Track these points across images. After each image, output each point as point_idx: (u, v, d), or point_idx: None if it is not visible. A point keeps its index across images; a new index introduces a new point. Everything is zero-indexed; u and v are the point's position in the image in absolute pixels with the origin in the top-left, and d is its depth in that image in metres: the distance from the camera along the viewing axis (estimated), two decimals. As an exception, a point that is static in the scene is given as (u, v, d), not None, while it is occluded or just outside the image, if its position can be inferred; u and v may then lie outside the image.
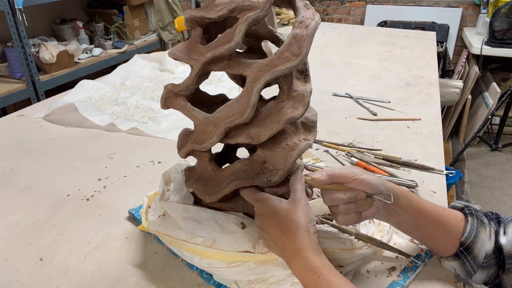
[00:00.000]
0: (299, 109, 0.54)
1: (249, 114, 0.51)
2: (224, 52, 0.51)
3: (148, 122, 1.12)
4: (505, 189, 2.41)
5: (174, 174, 0.68)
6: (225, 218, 0.60)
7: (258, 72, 0.51)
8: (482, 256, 0.53)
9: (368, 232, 0.63)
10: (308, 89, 0.56)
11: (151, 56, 1.67)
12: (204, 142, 0.56)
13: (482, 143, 2.84)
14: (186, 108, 0.57)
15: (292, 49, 0.51)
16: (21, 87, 2.23)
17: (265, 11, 0.50)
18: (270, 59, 0.52)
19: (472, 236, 0.53)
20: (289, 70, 0.51)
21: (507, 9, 2.54)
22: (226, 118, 0.53)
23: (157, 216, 0.63)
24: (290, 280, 0.54)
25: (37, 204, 0.78)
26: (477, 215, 0.55)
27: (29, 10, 2.26)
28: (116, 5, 2.98)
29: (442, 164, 0.90)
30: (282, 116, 0.53)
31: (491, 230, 0.54)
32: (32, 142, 1.04)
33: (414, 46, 1.92)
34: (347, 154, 0.94)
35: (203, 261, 0.57)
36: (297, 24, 0.53)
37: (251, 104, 0.51)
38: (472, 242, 0.53)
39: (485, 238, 0.53)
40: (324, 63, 1.66)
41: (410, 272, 0.59)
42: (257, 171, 0.56)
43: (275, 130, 0.53)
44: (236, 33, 0.50)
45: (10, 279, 0.60)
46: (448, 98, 2.62)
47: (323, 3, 3.42)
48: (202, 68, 0.53)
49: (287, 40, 0.52)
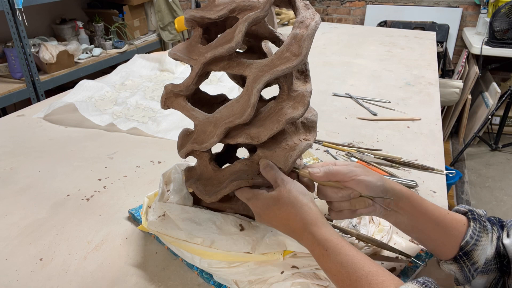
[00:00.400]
0: (299, 109, 0.54)
1: (249, 114, 0.51)
2: (224, 52, 0.51)
3: (148, 122, 1.12)
4: (505, 189, 2.41)
5: (174, 175, 0.68)
6: (223, 220, 0.60)
7: (258, 72, 0.51)
8: (482, 261, 0.52)
9: (368, 232, 0.63)
10: (308, 89, 0.56)
11: (151, 56, 1.67)
12: (204, 142, 0.56)
13: (482, 143, 2.84)
14: (186, 108, 0.57)
15: (292, 49, 0.51)
16: (21, 87, 2.23)
17: (265, 11, 0.50)
18: (270, 59, 0.52)
19: (473, 241, 0.52)
20: (289, 70, 0.51)
21: (507, 9, 2.54)
22: (226, 118, 0.53)
23: (157, 216, 0.63)
24: (291, 280, 0.54)
25: (37, 204, 0.78)
26: (480, 220, 0.54)
27: (29, 10, 2.26)
28: (116, 5, 2.98)
29: (442, 164, 0.90)
30: (282, 116, 0.54)
31: (493, 235, 0.53)
32: (32, 142, 1.04)
33: (414, 46, 1.92)
34: (347, 154, 0.94)
35: (203, 261, 0.57)
36: (297, 24, 0.53)
37: (251, 104, 0.51)
38: (472, 247, 0.52)
39: (486, 244, 0.52)
40: (324, 63, 1.66)
41: (410, 273, 0.59)
42: (257, 171, 0.56)
43: (275, 130, 0.53)
44: (236, 33, 0.50)
45: (10, 279, 0.60)
46: (448, 98, 2.62)
47: (323, 3, 3.42)
48: (202, 68, 0.53)
49: (287, 40, 0.52)
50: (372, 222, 0.66)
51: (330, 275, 0.46)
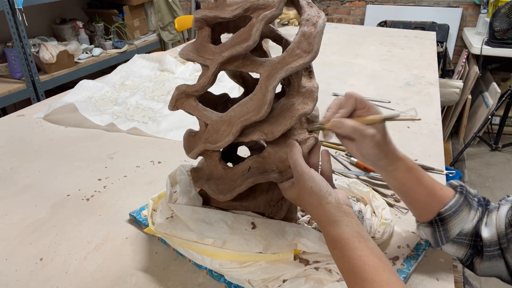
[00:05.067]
0: (309, 104, 0.55)
1: (265, 111, 0.52)
2: (242, 51, 0.51)
3: (148, 122, 1.12)
4: (505, 189, 2.41)
5: (179, 176, 0.68)
6: (234, 219, 0.60)
7: (271, 70, 0.52)
8: (455, 231, 0.55)
9: (372, 226, 0.64)
10: (315, 85, 0.58)
11: (151, 56, 1.67)
12: (218, 142, 0.55)
13: (482, 143, 2.84)
14: (197, 108, 0.57)
15: (302, 46, 0.52)
16: (21, 87, 2.23)
17: (280, 9, 0.51)
18: (282, 57, 0.52)
19: (452, 211, 0.54)
20: (302, 67, 0.52)
21: (507, 9, 2.54)
22: (241, 116, 0.53)
23: (165, 218, 0.63)
24: (304, 276, 0.55)
25: (37, 204, 0.78)
26: (467, 196, 0.56)
27: (29, 10, 2.26)
28: (116, 5, 2.98)
29: (442, 164, 0.90)
30: (294, 112, 0.54)
31: (476, 215, 0.55)
32: (32, 142, 1.04)
33: (414, 46, 1.92)
34: (347, 154, 0.94)
35: (214, 262, 0.56)
36: (304, 22, 0.53)
37: (267, 101, 0.51)
38: (449, 215, 0.54)
39: (465, 219, 0.55)
40: (324, 63, 1.66)
41: (413, 261, 0.61)
42: (271, 168, 0.57)
43: (288, 126, 0.54)
44: (254, 31, 0.50)
45: (10, 279, 0.60)
46: (448, 98, 2.62)
47: (323, 3, 3.42)
48: (219, 68, 0.54)
49: (296, 38, 0.53)
50: (374, 215, 0.67)
51: (339, 270, 0.48)
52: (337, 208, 0.49)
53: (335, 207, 0.49)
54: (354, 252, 0.45)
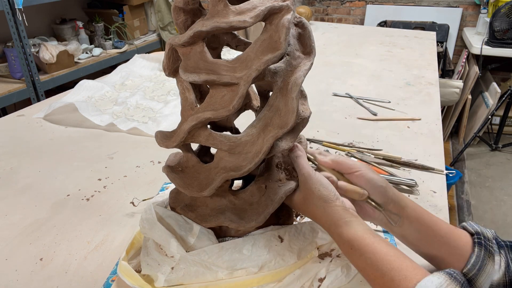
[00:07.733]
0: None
1: (295, 121, 0.50)
2: (275, 59, 0.48)
3: (148, 122, 1.12)
4: (505, 189, 2.41)
5: (167, 219, 0.57)
6: (261, 238, 0.56)
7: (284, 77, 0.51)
8: (486, 287, 0.49)
9: None
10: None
11: (151, 56, 1.67)
12: (242, 168, 0.51)
13: (482, 143, 2.84)
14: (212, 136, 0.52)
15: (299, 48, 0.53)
16: (21, 87, 2.23)
17: (295, 13, 0.50)
18: (288, 61, 0.52)
19: (476, 269, 0.49)
20: (309, 66, 0.52)
21: (507, 9, 2.54)
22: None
23: (170, 269, 0.55)
24: (335, 268, 0.55)
25: (37, 204, 0.78)
26: (486, 245, 0.51)
27: (29, 10, 2.26)
28: (116, 5, 2.98)
29: (442, 164, 0.90)
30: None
31: (502, 261, 0.50)
32: (32, 142, 1.04)
33: (414, 46, 1.92)
34: (347, 154, 0.94)
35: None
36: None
37: (293, 109, 0.50)
38: (474, 275, 0.49)
39: (491, 271, 0.50)
40: (324, 63, 1.66)
41: None
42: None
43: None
44: (282, 39, 0.47)
45: (10, 279, 0.60)
46: (448, 98, 2.62)
47: (323, 3, 3.42)
48: (251, 82, 0.49)
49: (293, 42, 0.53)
50: None
51: (358, 270, 0.47)
52: (346, 211, 0.49)
53: (344, 210, 0.49)
54: (373, 246, 0.45)
